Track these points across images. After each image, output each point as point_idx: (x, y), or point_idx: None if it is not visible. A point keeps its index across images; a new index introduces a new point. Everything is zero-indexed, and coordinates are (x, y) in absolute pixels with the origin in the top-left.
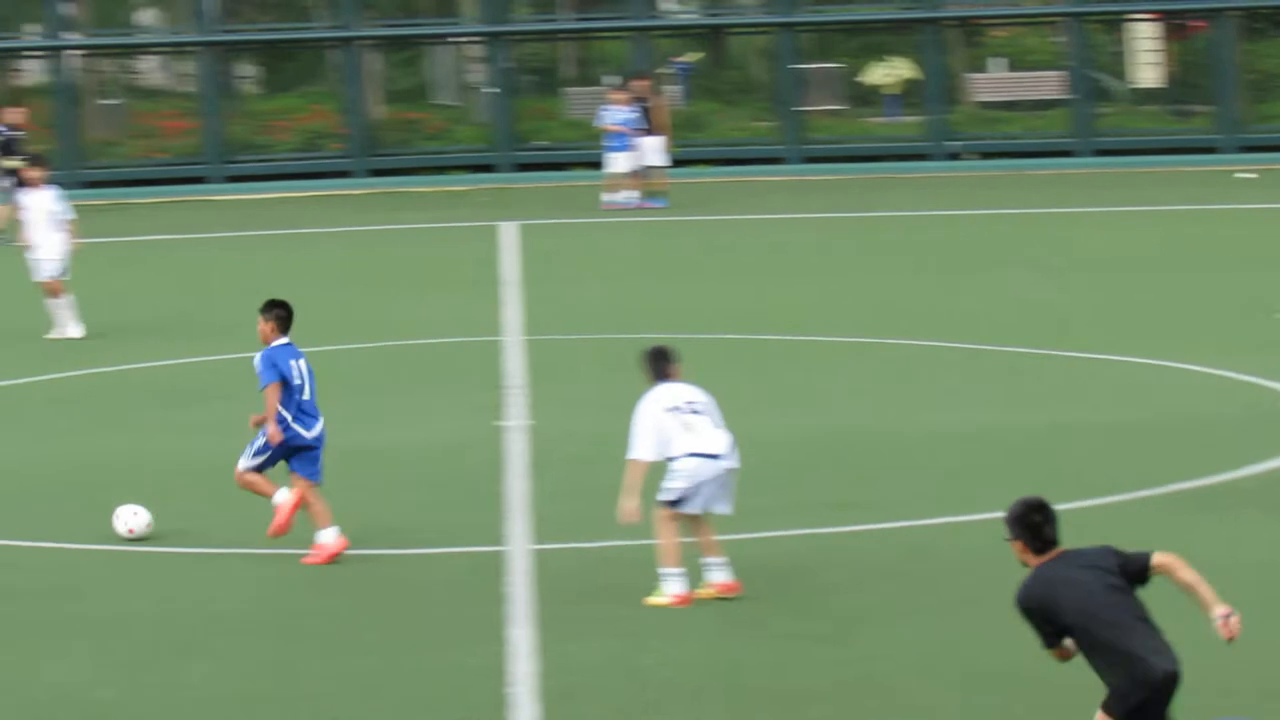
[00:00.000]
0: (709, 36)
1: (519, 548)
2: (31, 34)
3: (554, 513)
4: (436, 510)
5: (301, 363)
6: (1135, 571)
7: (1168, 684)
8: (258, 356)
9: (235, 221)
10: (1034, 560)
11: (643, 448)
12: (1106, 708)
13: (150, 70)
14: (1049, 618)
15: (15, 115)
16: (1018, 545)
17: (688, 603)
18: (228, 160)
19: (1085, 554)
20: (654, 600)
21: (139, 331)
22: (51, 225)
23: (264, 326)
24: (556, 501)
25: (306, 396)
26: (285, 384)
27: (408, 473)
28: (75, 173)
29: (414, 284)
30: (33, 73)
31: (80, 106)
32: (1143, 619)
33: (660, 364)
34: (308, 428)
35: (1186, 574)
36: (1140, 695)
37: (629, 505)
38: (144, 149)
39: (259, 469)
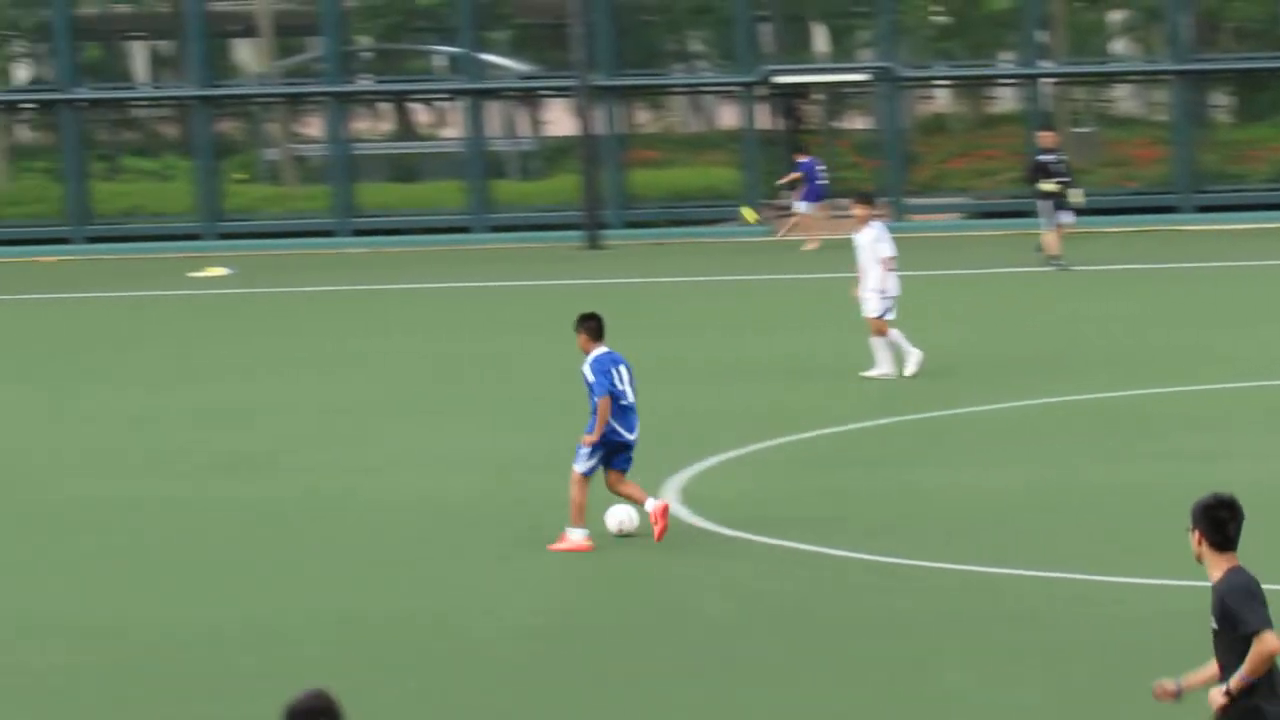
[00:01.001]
0: None
1: None
2: (1005, 62)
3: None
4: None
5: (622, 368)
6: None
7: None
8: (587, 365)
9: (1204, 253)
10: (1212, 556)
11: None
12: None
13: (1123, 98)
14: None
15: (1047, 139)
16: (1196, 535)
17: None
18: (1198, 190)
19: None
20: None
21: (1102, 362)
22: (875, 261)
23: (581, 339)
24: None
25: (628, 401)
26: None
27: None
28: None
29: None
30: (1005, 100)
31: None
32: None
33: None
34: (630, 429)
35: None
36: None
37: None
38: (1114, 177)
39: (589, 472)
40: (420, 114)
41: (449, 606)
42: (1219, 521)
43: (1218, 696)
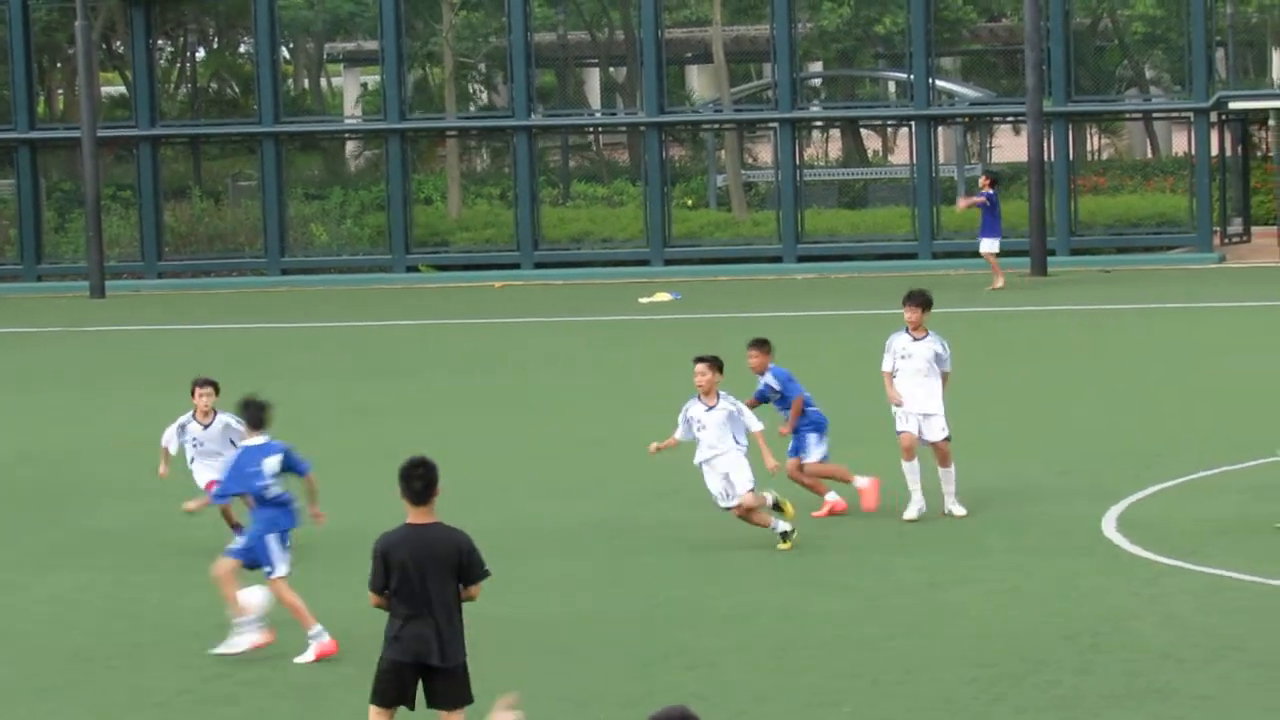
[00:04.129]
0: None
1: None
2: None
3: None
4: None
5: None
6: None
7: None
8: (771, 378)
9: None
10: None
11: None
12: None
13: None
14: None
15: None
16: None
17: None
18: None
19: None
20: None
21: None
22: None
23: (758, 359)
24: None
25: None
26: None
27: None
28: None
29: None
30: None
31: None
32: None
33: None
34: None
35: None
36: None
37: None
38: None
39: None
40: (869, 140)
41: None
42: None
43: None
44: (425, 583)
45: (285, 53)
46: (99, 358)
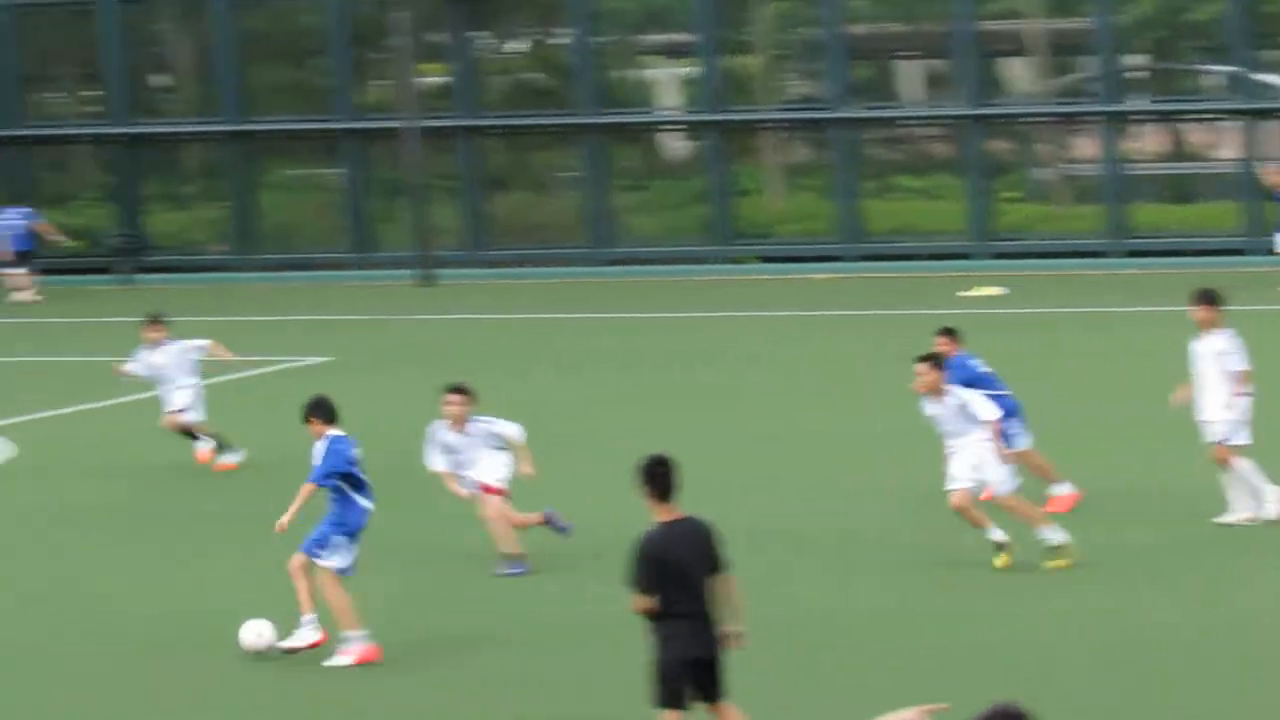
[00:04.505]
0: None
1: None
2: None
3: None
4: None
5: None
6: None
7: None
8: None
9: None
10: None
11: None
12: None
13: None
14: None
15: None
16: None
17: None
18: None
19: None
20: None
21: None
22: (1220, 376)
23: (945, 346)
24: None
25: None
26: None
27: None
28: None
29: None
30: None
31: None
32: None
33: None
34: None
35: None
36: None
37: None
38: None
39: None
40: (1194, 134)
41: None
42: None
43: None
44: (694, 577)
45: (602, 43)
46: (428, 344)
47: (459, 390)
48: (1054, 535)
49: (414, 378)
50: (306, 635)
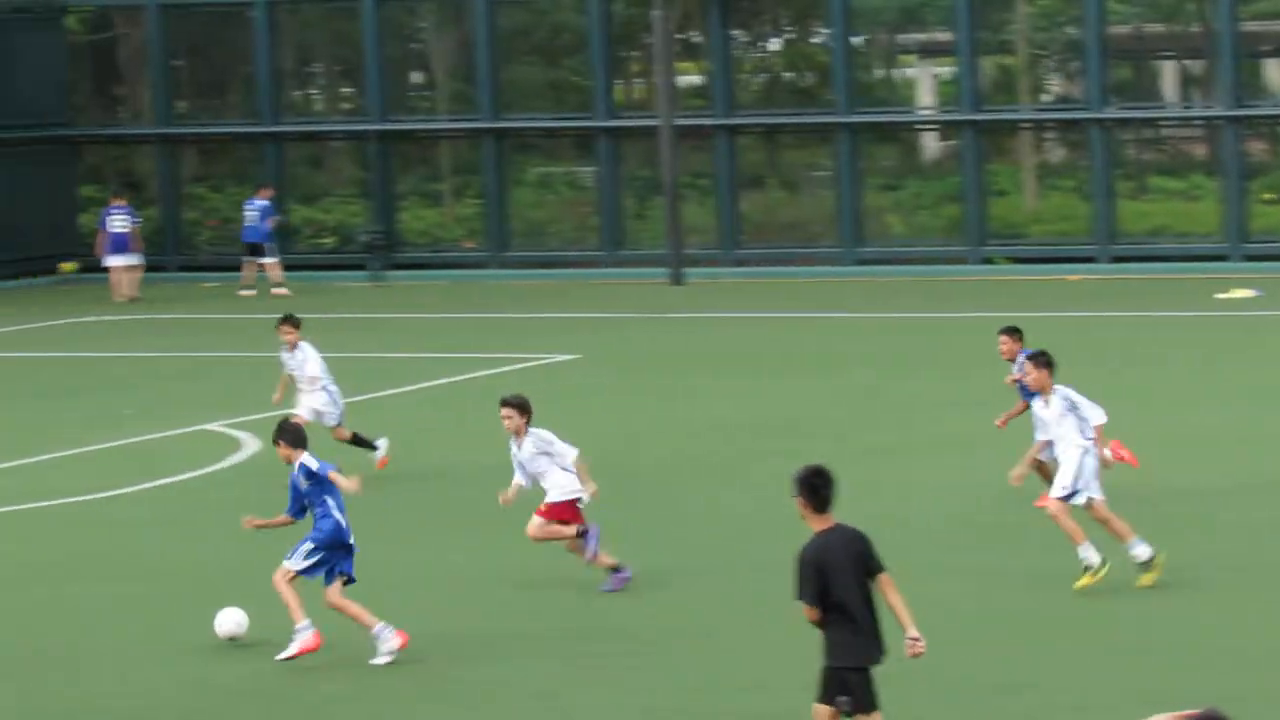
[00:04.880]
0: None
1: None
2: None
3: None
4: None
5: None
6: None
7: None
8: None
9: None
10: None
11: None
12: None
13: None
14: None
15: None
16: None
17: None
18: None
19: None
20: None
21: None
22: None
23: (1008, 345)
24: None
25: None
26: None
27: None
28: None
29: None
30: None
31: None
32: None
33: None
34: None
35: None
36: None
37: None
38: None
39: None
40: None
41: None
42: None
43: None
44: (856, 585)
45: (859, 42)
46: (678, 343)
47: (503, 403)
48: (1142, 551)
49: (660, 377)
50: (385, 648)
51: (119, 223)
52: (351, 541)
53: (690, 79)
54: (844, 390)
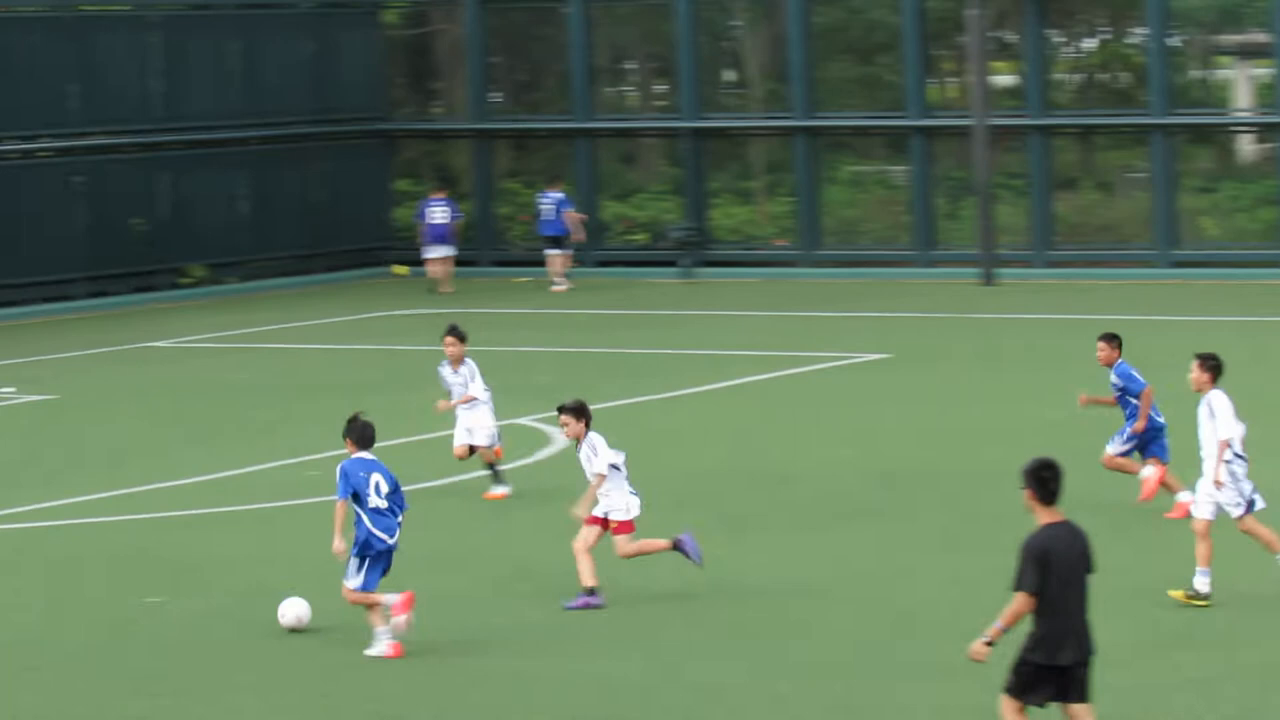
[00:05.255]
0: None
1: None
2: None
3: None
4: None
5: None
6: None
7: None
8: (1121, 374)
9: None
10: None
11: None
12: None
13: None
14: None
15: None
16: None
17: None
18: None
19: None
20: None
21: None
22: None
23: (1105, 353)
24: None
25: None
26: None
27: None
28: None
29: None
30: None
31: None
32: None
33: None
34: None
35: None
36: None
37: None
38: None
39: (1126, 453)
40: None
41: None
42: None
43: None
44: (1074, 581)
45: (1176, 43)
46: (985, 343)
47: (559, 408)
48: None
49: (970, 377)
50: (379, 648)
51: (439, 214)
52: (388, 544)
53: (1004, 78)
54: (1164, 393)
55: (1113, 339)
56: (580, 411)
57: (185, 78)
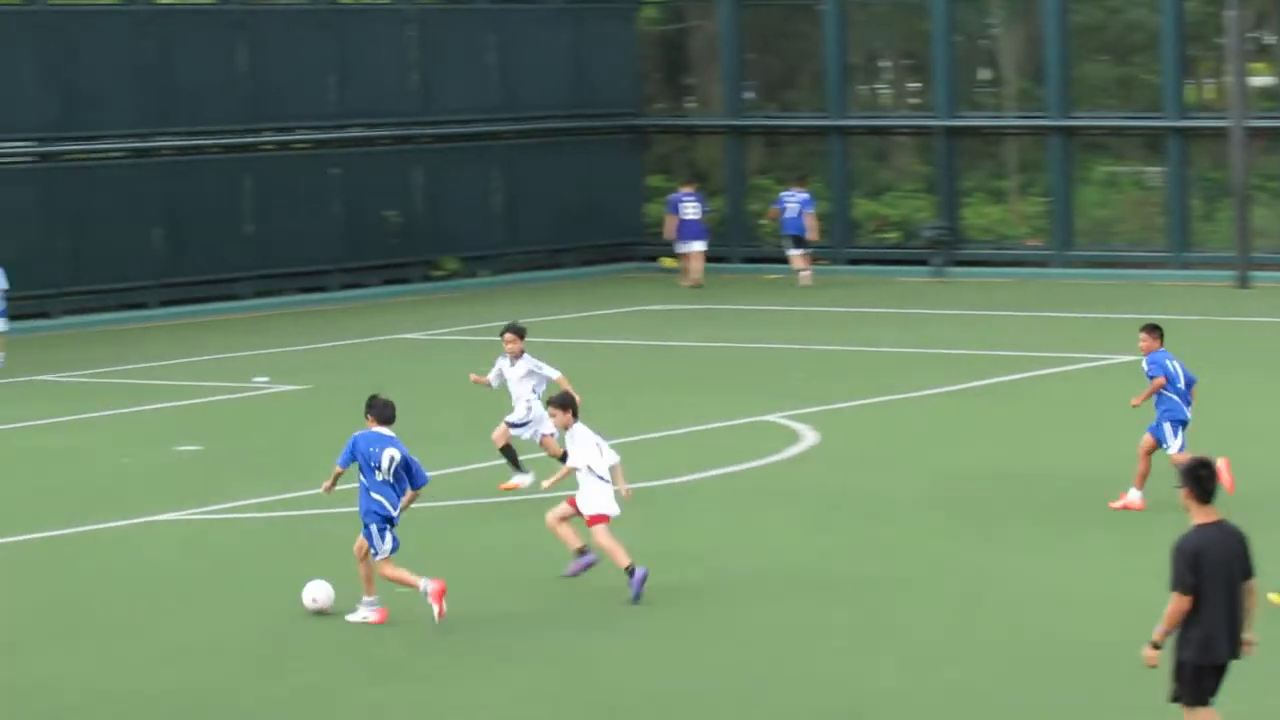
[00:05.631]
0: None
1: None
2: None
3: None
4: None
5: (1176, 363)
6: None
7: None
8: (1149, 361)
9: None
10: None
11: None
12: None
13: None
14: None
15: None
16: None
17: None
18: None
19: None
20: None
21: None
22: None
23: (1146, 342)
24: None
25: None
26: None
27: None
28: None
29: None
30: None
31: None
32: None
33: None
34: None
35: None
36: None
37: None
38: None
39: (1181, 447)
40: None
41: None
42: None
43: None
44: (1226, 582)
45: None
46: (1238, 347)
47: (548, 401)
48: None
49: (1225, 382)
50: (363, 614)
51: (691, 209)
52: (389, 515)
53: (1261, 79)
54: None
55: (1154, 330)
56: (566, 404)
57: (441, 71)
